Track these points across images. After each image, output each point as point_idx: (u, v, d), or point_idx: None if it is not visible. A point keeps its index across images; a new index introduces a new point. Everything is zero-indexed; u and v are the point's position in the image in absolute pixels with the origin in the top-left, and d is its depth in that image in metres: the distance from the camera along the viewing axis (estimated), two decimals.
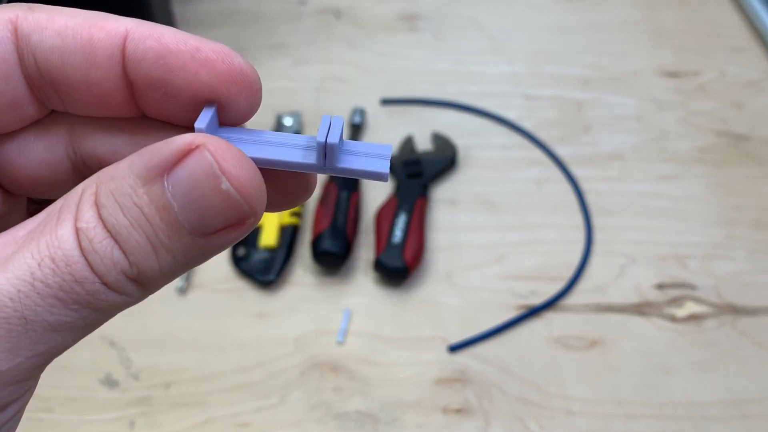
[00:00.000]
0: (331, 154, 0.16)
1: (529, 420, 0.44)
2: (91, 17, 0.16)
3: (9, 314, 0.14)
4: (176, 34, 0.16)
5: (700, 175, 0.58)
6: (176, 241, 0.15)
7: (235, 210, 0.15)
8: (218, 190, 0.15)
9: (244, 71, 0.17)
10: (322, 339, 0.48)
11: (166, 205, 0.15)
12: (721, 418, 0.44)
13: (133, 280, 0.15)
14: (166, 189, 0.15)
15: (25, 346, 0.14)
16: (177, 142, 0.15)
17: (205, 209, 0.15)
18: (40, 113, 0.18)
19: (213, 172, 0.14)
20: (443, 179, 0.57)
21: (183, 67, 0.16)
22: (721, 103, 0.64)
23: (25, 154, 0.18)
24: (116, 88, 0.17)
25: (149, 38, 0.16)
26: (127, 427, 0.43)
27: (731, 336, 0.48)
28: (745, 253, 0.53)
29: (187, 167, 0.15)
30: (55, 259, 0.14)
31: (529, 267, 0.52)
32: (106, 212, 0.14)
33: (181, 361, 0.46)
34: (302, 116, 0.61)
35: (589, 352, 0.47)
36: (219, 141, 0.15)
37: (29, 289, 0.14)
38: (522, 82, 0.66)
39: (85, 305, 0.14)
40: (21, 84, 0.17)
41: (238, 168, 0.15)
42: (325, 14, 0.72)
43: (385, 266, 0.49)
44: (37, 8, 0.17)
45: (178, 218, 0.15)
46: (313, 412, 0.44)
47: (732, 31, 0.71)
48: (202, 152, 0.15)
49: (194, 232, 0.15)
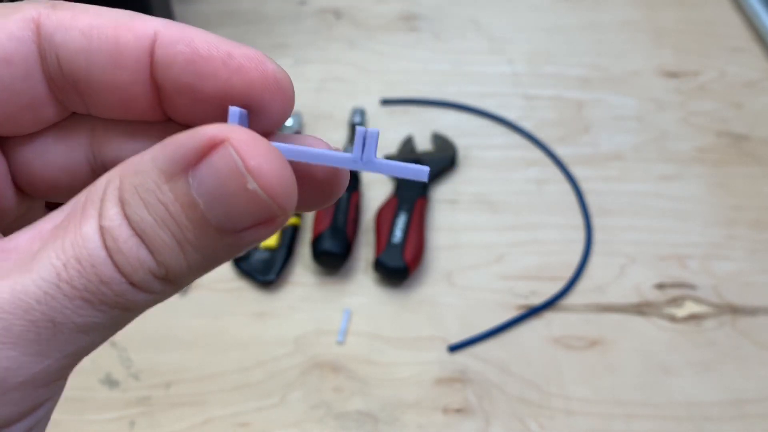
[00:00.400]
0: (369, 149, 0.16)
1: (529, 420, 0.44)
2: (117, 16, 0.16)
3: (37, 317, 0.13)
4: (207, 38, 0.16)
5: (700, 175, 0.58)
6: (204, 239, 0.14)
7: (263, 209, 0.14)
8: (244, 189, 0.14)
9: (278, 78, 0.16)
10: (322, 339, 0.48)
11: (191, 202, 0.14)
12: (720, 418, 0.44)
13: (161, 279, 0.14)
14: (191, 186, 0.14)
15: (54, 348, 0.14)
16: (200, 134, 0.14)
17: (232, 208, 0.14)
18: (59, 115, 0.17)
19: (238, 171, 0.14)
20: (443, 179, 0.57)
21: (214, 74, 0.16)
22: (721, 103, 0.64)
23: (43, 158, 0.17)
24: (143, 92, 0.16)
25: (179, 42, 0.16)
26: (127, 426, 0.43)
27: (731, 336, 0.48)
28: (745, 253, 0.53)
29: (211, 164, 0.14)
30: (81, 260, 0.14)
31: (529, 267, 0.52)
32: (131, 209, 0.14)
33: (182, 361, 0.46)
34: (302, 116, 0.61)
35: (589, 352, 0.47)
36: (245, 133, 0.14)
37: (56, 291, 0.14)
38: (522, 82, 0.66)
39: (112, 306, 0.14)
40: (41, 84, 0.16)
41: (266, 165, 0.14)
42: (325, 14, 0.72)
43: (385, 266, 0.49)
44: (60, 5, 0.16)
45: (204, 216, 0.14)
46: (313, 412, 0.44)
47: (732, 31, 0.71)
48: (226, 148, 0.14)
49: (222, 229, 0.14)
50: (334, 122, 0.61)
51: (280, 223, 0.15)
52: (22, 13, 0.15)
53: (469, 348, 0.48)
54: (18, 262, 0.14)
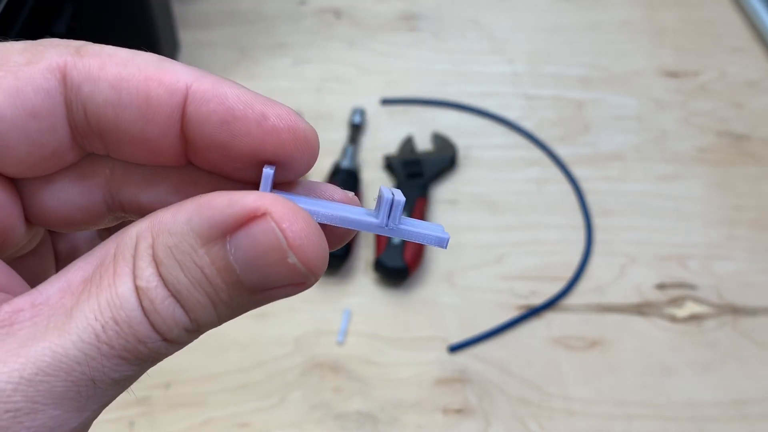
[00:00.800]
0: (395, 216, 0.16)
1: (529, 420, 0.44)
2: (146, 66, 0.15)
3: (78, 377, 0.14)
4: (240, 96, 0.16)
5: (701, 175, 0.58)
6: (236, 298, 0.15)
7: (299, 277, 0.15)
8: (284, 262, 0.14)
9: (308, 138, 0.16)
10: (322, 339, 0.48)
11: (228, 267, 0.14)
12: (721, 418, 0.44)
13: (191, 333, 0.15)
14: (228, 251, 0.14)
15: (93, 402, 0.14)
16: (242, 204, 0.14)
17: (268, 275, 0.14)
18: (78, 157, 0.17)
19: (280, 246, 0.14)
20: (443, 179, 0.57)
21: (247, 134, 0.16)
22: (721, 103, 0.64)
23: (59, 198, 0.17)
24: (171, 145, 0.16)
25: (212, 100, 0.15)
26: (127, 427, 0.43)
27: (731, 336, 0.48)
28: (746, 253, 0.53)
29: (251, 235, 0.14)
30: (119, 321, 0.14)
31: (529, 267, 0.52)
32: (166, 270, 0.14)
33: (181, 362, 0.46)
34: (302, 116, 0.61)
35: (589, 352, 0.47)
36: (285, 207, 0.14)
37: (96, 352, 0.14)
38: (522, 82, 0.66)
39: (146, 360, 0.15)
40: (66, 134, 0.16)
41: (306, 240, 0.14)
42: (325, 14, 0.72)
43: (385, 266, 0.49)
44: (87, 52, 0.15)
45: (239, 279, 0.14)
46: (313, 412, 0.44)
47: (732, 31, 0.71)
48: (268, 221, 0.14)
49: (254, 290, 0.15)
50: (334, 122, 0.61)
51: (311, 285, 0.15)
52: (48, 61, 0.15)
53: (469, 348, 0.47)
54: (53, 320, 0.14)
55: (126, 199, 0.17)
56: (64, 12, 0.59)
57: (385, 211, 0.16)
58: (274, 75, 0.65)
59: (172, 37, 0.65)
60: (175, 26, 0.66)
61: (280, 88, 0.64)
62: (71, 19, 0.59)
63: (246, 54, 0.67)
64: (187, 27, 0.68)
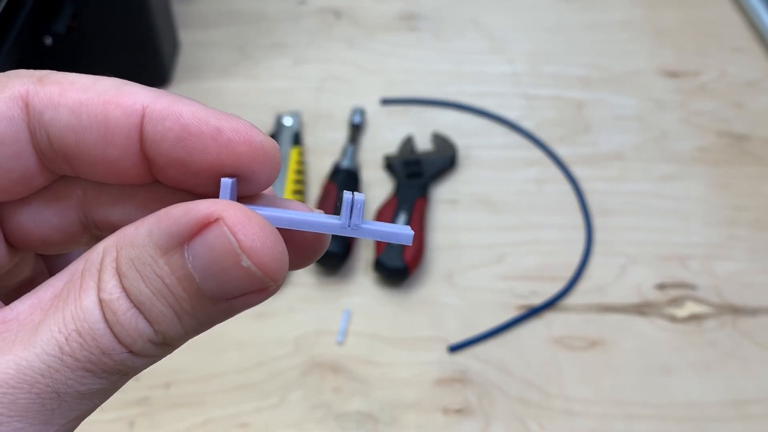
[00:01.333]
0: (357, 215, 0.16)
1: (529, 420, 0.44)
2: (105, 90, 0.16)
3: (41, 390, 0.14)
4: (196, 113, 0.16)
5: (701, 175, 0.58)
6: (199, 308, 0.15)
7: (257, 282, 0.15)
8: (238, 266, 0.14)
9: (265, 149, 0.16)
10: (322, 339, 0.48)
11: (187, 275, 0.15)
12: (721, 419, 0.44)
13: (158, 345, 0.15)
14: (187, 260, 0.14)
15: (59, 416, 0.14)
16: (195, 212, 0.14)
17: (226, 281, 0.15)
18: (49, 180, 0.17)
19: (232, 249, 0.14)
20: (443, 179, 0.57)
21: (204, 150, 0.16)
22: (721, 103, 0.64)
23: (36, 219, 0.18)
24: (133, 164, 0.16)
25: (168, 119, 0.16)
26: (127, 427, 0.43)
27: (732, 336, 0.48)
28: (746, 253, 0.53)
29: (205, 241, 0.14)
30: (82, 333, 0.14)
31: (529, 267, 0.52)
32: (128, 282, 0.15)
33: (181, 362, 0.46)
34: (302, 116, 0.61)
35: (589, 352, 0.47)
36: (238, 211, 0.14)
37: (59, 364, 0.14)
38: (522, 82, 0.66)
39: (113, 372, 0.15)
40: (32, 159, 0.16)
41: (259, 243, 0.14)
42: (325, 14, 0.72)
43: (385, 266, 0.49)
44: (48, 80, 0.16)
45: (200, 287, 0.15)
46: (313, 412, 0.44)
47: (732, 31, 0.71)
48: (220, 227, 0.14)
49: (216, 298, 0.15)
50: (334, 122, 0.61)
51: (273, 291, 0.15)
52: (10, 91, 0.16)
53: (469, 348, 0.47)
54: (20, 335, 0.14)
55: (99, 218, 0.18)
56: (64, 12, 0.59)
57: (346, 212, 0.16)
58: (274, 75, 0.65)
59: (172, 37, 0.65)
60: (175, 26, 0.66)
61: (280, 88, 0.64)
62: (71, 19, 0.59)
63: (246, 54, 0.67)
64: (187, 27, 0.68)
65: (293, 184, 0.54)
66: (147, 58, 0.61)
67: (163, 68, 0.63)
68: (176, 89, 0.64)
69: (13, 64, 0.53)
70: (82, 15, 0.58)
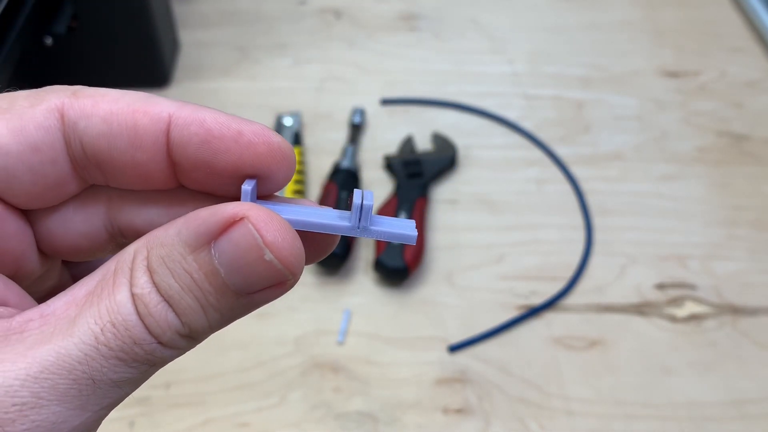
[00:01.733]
0: (365, 218, 0.18)
1: (529, 420, 0.44)
2: (134, 101, 0.17)
3: (78, 376, 0.15)
4: (218, 119, 0.17)
5: (701, 175, 0.58)
6: (223, 302, 0.16)
7: (277, 275, 0.16)
8: (262, 260, 0.16)
9: (282, 149, 0.18)
10: (322, 339, 0.48)
11: (213, 271, 0.16)
12: (721, 418, 0.44)
13: (185, 337, 0.16)
14: (213, 256, 0.16)
15: (94, 402, 0.16)
16: (222, 212, 0.16)
17: (249, 275, 0.16)
18: (80, 188, 0.19)
19: (257, 244, 0.16)
20: (443, 179, 0.57)
21: (227, 151, 0.17)
22: (721, 103, 0.64)
23: (65, 226, 0.19)
24: (160, 168, 0.18)
25: (193, 124, 0.17)
26: (127, 427, 0.43)
27: (731, 336, 0.48)
28: (746, 253, 0.53)
29: (231, 238, 0.16)
30: (116, 324, 0.16)
31: (529, 267, 0.52)
32: (159, 278, 0.16)
33: (181, 361, 0.46)
34: (302, 116, 0.61)
35: (589, 352, 0.47)
36: (261, 211, 0.16)
37: (95, 353, 0.15)
38: (522, 82, 0.66)
39: (143, 362, 0.16)
40: (66, 166, 0.18)
41: (281, 239, 0.16)
42: (325, 14, 0.72)
43: (385, 266, 0.49)
44: (82, 93, 0.17)
45: (225, 282, 0.16)
46: (313, 412, 0.44)
47: (732, 31, 0.71)
48: (246, 224, 0.16)
49: (239, 292, 0.16)
50: (334, 122, 0.61)
51: (291, 285, 0.17)
52: (47, 103, 0.17)
53: (469, 348, 0.47)
54: (58, 327, 0.16)
55: (124, 225, 0.19)
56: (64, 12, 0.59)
57: (355, 215, 0.18)
58: (275, 75, 0.65)
59: (172, 38, 0.65)
60: (175, 26, 0.66)
61: (281, 88, 0.64)
62: (71, 19, 0.59)
63: (246, 54, 0.67)
64: (188, 27, 0.69)
65: (293, 184, 0.54)
66: (147, 58, 0.61)
67: (163, 68, 0.63)
68: (176, 89, 0.64)
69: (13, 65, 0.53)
70: (82, 15, 0.58)
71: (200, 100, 0.63)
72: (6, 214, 0.18)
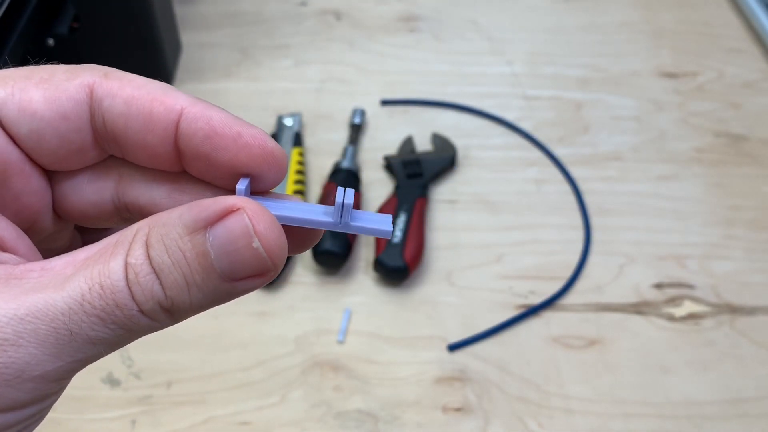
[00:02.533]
0: (346, 215, 0.20)
1: (528, 419, 0.44)
2: (154, 90, 0.20)
3: (59, 326, 0.17)
4: (223, 119, 0.19)
5: (699, 175, 0.59)
6: (208, 283, 0.18)
7: (261, 264, 0.18)
8: (250, 246, 0.17)
9: (275, 154, 0.20)
10: (322, 338, 0.48)
11: (204, 252, 0.17)
12: (719, 417, 0.45)
13: (165, 310, 0.18)
14: (207, 239, 0.17)
15: (68, 353, 0.17)
16: (222, 202, 0.18)
17: (236, 260, 0.18)
18: (100, 157, 0.21)
19: (248, 232, 0.17)
20: (443, 179, 0.58)
21: (226, 148, 0.19)
22: (719, 104, 0.64)
23: (78, 194, 0.21)
24: (167, 152, 0.20)
25: (200, 120, 0.19)
26: (129, 425, 0.43)
27: (729, 335, 0.49)
28: (743, 252, 0.53)
29: (226, 225, 0.17)
30: (104, 286, 0.17)
31: (528, 267, 0.52)
32: (154, 252, 0.17)
33: (183, 360, 0.46)
34: (303, 117, 0.61)
35: (587, 351, 0.48)
36: (256, 205, 0.18)
37: (78, 307, 0.17)
38: (521, 83, 0.66)
39: (120, 326, 0.17)
40: (89, 135, 0.20)
41: (269, 231, 0.18)
42: (326, 15, 0.72)
43: (385, 266, 0.49)
44: (112, 75, 0.20)
45: (212, 264, 0.17)
46: (313, 411, 0.44)
47: (730, 32, 0.71)
48: (241, 214, 0.17)
49: (224, 277, 0.18)
50: (335, 122, 0.61)
51: (270, 278, 0.18)
52: (81, 79, 0.19)
53: (468, 347, 0.48)
54: (53, 281, 0.17)
55: (129, 200, 0.21)
56: (66, 13, 0.60)
57: (337, 212, 0.20)
58: (275, 76, 0.66)
59: (173, 39, 0.66)
60: (176, 27, 0.66)
61: (281, 89, 0.64)
62: (73, 20, 0.59)
63: (247, 55, 0.68)
64: (189, 28, 0.69)
65: (294, 185, 0.54)
66: (149, 59, 0.62)
67: (165, 69, 0.63)
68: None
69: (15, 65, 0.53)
70: (83, 16, 0.58)
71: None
72: (32, 172, 0.20)
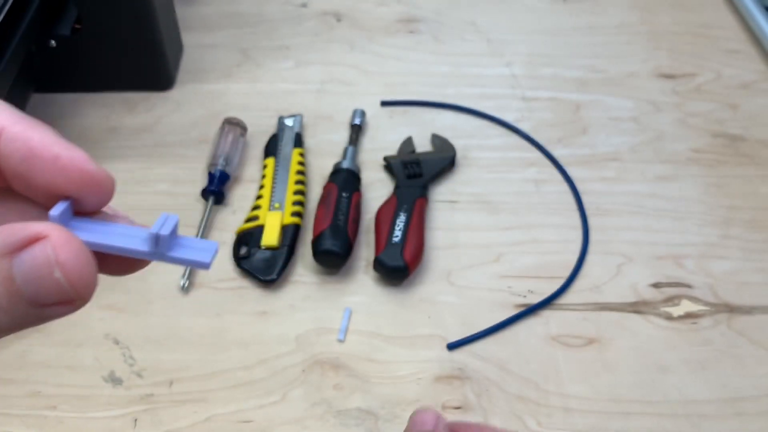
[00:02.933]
0: (164, 245, 0.20)
1: (527, 417, 0.45)
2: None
3: None
4: (43, 140, 0.19)
5: (696, 175, 0.59)
6: (14, 307, 0.18)
7: (63, 293, 0.18)
8: (51, 276, 0.18)
9: (95, 177, 0.20)
10: (322, 337, 0.48)
11: (10, 277, 0.18)
12: (717, 416, 0.45)
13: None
14: (13, 265, 0.18)
15: None
16: (30, 229, 0.18)
17: (40, 288, 0.18)
18: None
19: (49, 262, 0.18)
20: (442, 180, 0.58)
21: (42, 170, 0.19)
22: (716, 105, 0.65)
23: None
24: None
25: (19, 140, 0.19)
26: (131, 424, 0.44)
27: (727, 335, 0.49)
28: (741, 252, 0.54)
29: (31, 252, 0.18)
30: None
31: (527, 266, 0.52)
32: None
33: (184, 359, 0.47)
34: (303, 118, 0.62)
35: (586, 350, 0.48)
36: (63, 234, 0.18)
37: None
38: (520, 84, 0.66)
39: None
40: None
41: (73, 261, 0.18)
42: (326, 17, 0.73)
43: (385, 265, 0.49)
44: None
45: (19, 289, 0.18)
46: (314, 409, 0.45)
47: (727, 33, 0.72)
48: (45, 243, 0.18)
49: (31, 302, 0.18)
50: (335, 123, 0.62)
51: (80, 305, 0.19)
52: None
53: (467, 346, 0.48)
54: None
55: None
56: (68, 15, 0.60)
57: (152, 241, 0.20)
58: (276, 77, 0.66)
59: (175, 40, 0.66)
60: (178, 29, 0.67)
61: (282, 90, 0.65)
62: (75, 21, 0.60)
63: (248, 56, 0.68)
64: (190, 29, 0.69)
65: (294, 185, 0.55)
66: (150, 60, 0.62)
67: (167, 70, 0.64)
68: (179, 91, 0.64)
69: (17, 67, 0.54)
70: (85, 18, 0.59)
71: (203, 102, 0.64)
72: None
